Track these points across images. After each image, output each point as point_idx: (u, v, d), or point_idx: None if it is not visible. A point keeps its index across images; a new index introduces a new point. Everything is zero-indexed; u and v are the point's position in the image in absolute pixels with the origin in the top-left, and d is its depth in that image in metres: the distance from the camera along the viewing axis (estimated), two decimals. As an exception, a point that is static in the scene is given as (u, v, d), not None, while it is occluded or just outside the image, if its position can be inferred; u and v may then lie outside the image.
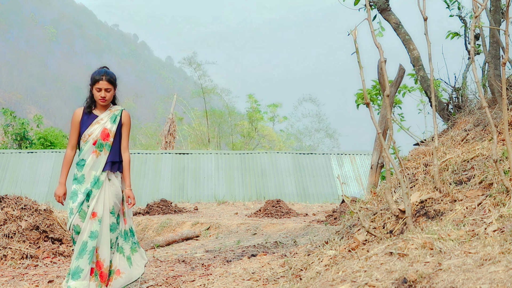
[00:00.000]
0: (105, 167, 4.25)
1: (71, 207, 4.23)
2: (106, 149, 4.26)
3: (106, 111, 4.35)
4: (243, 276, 4.77)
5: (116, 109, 4.38)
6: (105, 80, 4.24)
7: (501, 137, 4.61)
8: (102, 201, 4.23)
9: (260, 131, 33.22)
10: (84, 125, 4.29)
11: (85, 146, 4.25)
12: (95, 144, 4.24)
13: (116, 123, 4.33)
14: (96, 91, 4.26)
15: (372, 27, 4.05)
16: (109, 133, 4.28)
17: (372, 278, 3.12)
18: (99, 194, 4.23)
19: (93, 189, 4.22)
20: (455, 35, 7.61)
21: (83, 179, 4.23)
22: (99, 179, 4.24)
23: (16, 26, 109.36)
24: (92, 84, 4.28)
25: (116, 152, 4.33)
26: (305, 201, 18.07)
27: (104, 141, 4.27)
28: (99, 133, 4.26)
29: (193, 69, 33.48)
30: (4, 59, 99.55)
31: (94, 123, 4.28)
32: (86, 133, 4.26)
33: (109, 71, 4.33)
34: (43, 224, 6.50)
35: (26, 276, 5.37)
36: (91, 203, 4.21)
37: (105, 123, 4.29)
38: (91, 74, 4.32)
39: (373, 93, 10.55)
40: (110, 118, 4.32)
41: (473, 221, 3.55)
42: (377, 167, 7.59)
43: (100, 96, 4.25)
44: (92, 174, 4.23)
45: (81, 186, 4.23)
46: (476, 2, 3.86)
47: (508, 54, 3.70)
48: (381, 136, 4.25)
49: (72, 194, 4.24)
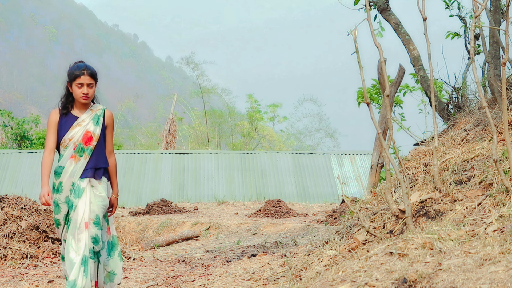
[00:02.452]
0: (85, 174, 3.82)
1: (56, 218, 3.87)
2: (87, 154, 3.83)
3: (86, 111, 3.89)
4: (243, 276, 4.77)
5: (98, 109, 3.92)
6: (87, 75, 3.80)
7: (501, 137, 4.61)
8: (83, 211, 3.77)
9: (260, 131, 33.23)
10: (63, 128, 3.83)
11: (65, 151, 3.82)
12: (75, 148, 3.81)
13: (99, 124, 3.88)
14: (77, 87, 3.79)
15: (372, 27, 4.05)
16: (92, 136, 3.85)
17: (372, 278, 3.12)
18: (79, 204, 3.78)
19: (73, 198, 3.80)
20: (455, 35, 7.61)
21: (61, 187, 3.82)
22: (79, 187, 3.81)
23: (16, 26, 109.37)
24: (72, 80, 3.81)
25: (100, 157, 3.90)
26: (305, 201, 18.07)
27: (86, 145, 3.83)
28: (80, 136, 3.82)
29: (191, 69, 33.51)
30: (4, 59, 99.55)
31: (75, 126, 3.83)
32: (66, 137, 3.81)
33: (89, 65, 3.89)
34: (43, 224, 6.50)
35: (26, 276, 5.37)
36: (73, 214, 3.78)
37: (87, 125, 3.84)
38: (68, 70, 3.88)
39: (373, 92, 10.55)
40: (92, 119, 3.87)
41: (473, 221, 3.55)
42: (377, 167, 7.59)
43: (82, 93, 3.79)
44: (70, 182, 3.81)
45: (60, 195, 3.81)
46: (476, 2, 3.86)
47: (508, 54, 3.70)
48: (381, 136, 4.25)
49: (55, 205, 3.84)
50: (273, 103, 35.03)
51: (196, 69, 33.37)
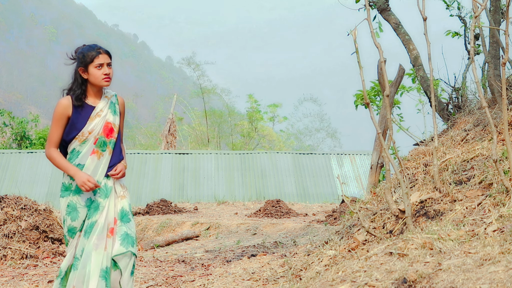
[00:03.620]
0: (109, 171, 3.40)
1: (72, 226, 3.33)
2: (110, 148, 3.39)
3: (101, 99, 3.42)
4: (243, 276, 4.77)
5: (111, 95, 3.48)
6: (104, 53, 3.33)
7: (501, 137, 4.61)
8: (112, 214, 3.35)
9: (260, 131, 33.24)
10: (79, 120, 3.33)
11: (84, 146, 3.34)
12: (96, 142, 3.34)
13: (117, 113, 3.46)
14: (97, 69, 3.30)
15: (371, 27, 4.05)
16: (113, 127, 3.41)
17: (372, 278, 3.12)
18: (107, 205, 3.34)
19: (99, 199, 3.33)
20: (455, 34, 7.62)
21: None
22: (107, 185, 3.38)
23: (16, 26, 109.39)
24: (88, 62, 3.30)
25: (120, 150, 3.49)
26: (305, 201, 18.08)
27: (108, 138, 3.38)
28: (101, 128, 3.36)
29: (192, 69, 33.53)
30: (4, 59, 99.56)
31: (94, 117, 3.36)
32: (85, 130, 3.33)
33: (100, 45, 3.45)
34: (43, 224, 6.50)
35: (26, 276, 5.37)
36: (100, 217, 3.30)
37: (106, 115, 3.39)
38: (78, 54, 3.35)
39: (371, 94, 10.56)
40: (110, 108, 3.42)
41: (473, 221, 3.55)
42: (377, 167, 7.60)
43: (103, 74, 3.31)
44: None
45: (80, 198, 3.33)
46: (476, 2, 3.86)
47: (508, 54, 3.70)
48: (381, 136, 4.25)
49: (70, 209, 3.34)
50: (273, 103, 35.05)
51: (197, 69, 33.41)
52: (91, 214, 3.31)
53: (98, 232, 3.26)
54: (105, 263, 3.23)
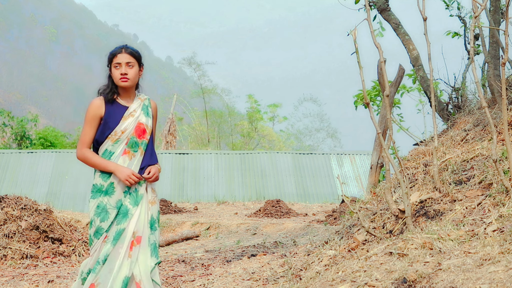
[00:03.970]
0: (141, 172, 3.33)
1: (100, 227, 3.20)
2: (142, 149, 3.33)
3: (134, 100, 3.38)
4: (243, 276, 4.77)
5: (144, 98, 3.44)
6: (124, 53, 3.28)
7: (500, 137, 4.62)
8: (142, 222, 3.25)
9: (260, 131, 33.25)
10: (112, 119, 3.28)
11: (116, 147, 3.28)
12: (128, 143, 3.29)
13: (150, 116, 3.40)
14: (115, 68, 3.28)
15: (371, 27, 4.05)
16: (146, 128, 3.35)
17: (372, 278, 3.12)
18: (136, 214, 3.25)
19: (128, 205, 3.24)
20: (455, 35, 7.63)
21: (113, 189, 3.24)
22: (137, 192, 3.28)
23: (16, 26, 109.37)
24: (109, 62, 3.30)
25: (153, 153, 3.41)
26: (305, 201, 18.08)
27: (140, 139, 3.32)
28: (133, 128, 3.30)
29: (193, 69, 33.55)
30: (4, 59, 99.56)
31: (127, 116, 3.31)
32: (118, 129, 3.27)
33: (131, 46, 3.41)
34: (43, 224, 6.50)
35: (26, 276, 5.37)
36: (128, 225, 3.21)
37: (139, 116, 3.35)
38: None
39: (372, 93, 10.56)
40: (142, 109, 3.38)
41: (473, 221, 3.56)
42: (376, 167, 7.60)
43: (120, 73, 3.26)
44: (122, 183, 3.26)
45: (110, 199, 3.22)
46: (476, 2, 3.86)
47: (507, 54, 3.70)
48: (380, 136, 4.26)
49: (100, 210, 3.22)
50: (273, 103, 35.06)
51: (198, 69, 33.42)
52: (119, 219, 3.22)
53: (124, 240, 3.19)
54: (127, 271, 3.15)
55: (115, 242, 3.17)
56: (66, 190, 18.20)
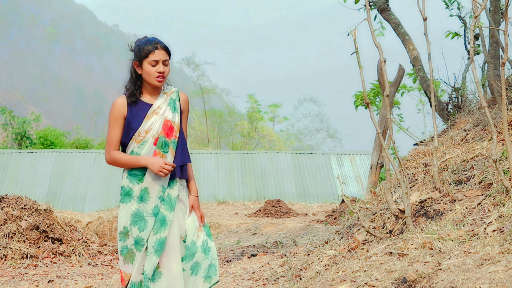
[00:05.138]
0: (172, 175, 3.04)
1: (139, 237, 2.94)
2: (172, 149, 3.06)
3: (159, 95, 3.13)
4: (243, 276, 4.77)
5: (172, 91, 3.16)
6: (161, 49, 3.05)
7: (500, 137, 4.62)
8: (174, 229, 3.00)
9: (260, 131, 33.25)
10: (136, 119, 3.05)
11: (143, 148, 3.03)
12: (156, 143, 3.04)
13: (177, 111, 3.11)
14: (150, 65, 3.03)
15: (372, 27, 4.06)
16: (173, 125, 3.08)
17: (372, 278, 3.13)
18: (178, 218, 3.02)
19: (165, 211, 2.98)
20: (455, 35, 7.63)
21: (147, 194, 2.99)
22: (170, 196, 3.01)
23: (16, 26, 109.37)
24: (143, 57, 3.03)
25: (185, 151, 3.13)
26: (305, 201, 18.08)
27: (169, 138, 3.06)
28: (159, 127, 3.05)
29: (192, 69, 33.56)
30: (4, 59, 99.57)
31: (151, 114, 3.06)
32: (141, 129, 3.03)
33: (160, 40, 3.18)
34: (43, 224, 6.50)
35: (26, 276, 5.37)
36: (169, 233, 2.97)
37: (164, 112, 3.08)
38: (134, 47, 3.11)
39: (371, 94, 10.56)
40: (169, 104, 3.11)
41: (473, 221, 3.56)
42: (376, 167, 7.60)
43: (157, 71, 3.03)
44: (157, 187, 2.98)
45: (146, 206, 2.97)
46: (476, 2, 3.86)
47: (507, 54, 3.71)
48: (380, 136, 4.26)
49: (137, 219, 2.96)
50: (274, 103, 35.08)
51: (197, 69, 33.43)
52: (157, 228, 2.96)
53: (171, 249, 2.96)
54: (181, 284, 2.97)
55: (159, 253, 2.93)
56: (66, 190, 18.21)
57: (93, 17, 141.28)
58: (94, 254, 6.53)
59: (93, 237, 7.12)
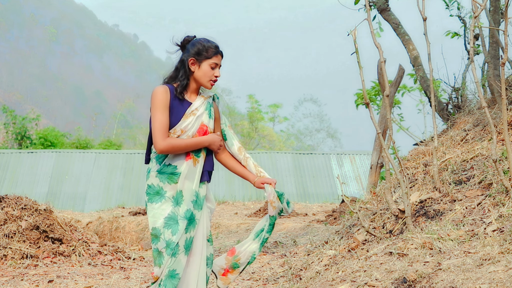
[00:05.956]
0: (203, 177, 2.99)
1: (171, 241, 2.84)
2: (204, 153, 2.97)
3: (198, 96, 3.03)
4: (243, 276, 4.77)
5: (209, 95, 3.08)
6: (220, 55, 3.03)
7: (500, 137, 4.62)
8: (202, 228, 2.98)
9: (260, 131, 33.27)
10: (175, 114, 2.93)
11: None
12: None
13: (212, 117, 3.03)
14: (210, 67, 2.96)
15: (371, 27, 4.06)
16: (208, 131, 3.00)
17: (372, 278, 3.13)
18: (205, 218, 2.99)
19: (194, 210, 2.92)
20: (455, 35, 7.63)
21: (182, 197, 2.90)
22: (199, 195, 2.96)
23: (16, 26, 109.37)
24: (206, 57, 2.98)
25: (213, 157, 3.09)
26: (305, 201, 18.08)
27: None
28: (196, 129, 2.96)
29: (192, 69, 33.62)
30: (4, 59, 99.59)
31: (188, 114, 2.95)
32: (177, 127, 2.91)
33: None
34: (43, 224, 6.50)
35: (26, 276, 5.37)
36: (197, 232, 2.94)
37: (201, 115, 2.99)
38: (197, 44, 3.05)
39: (372, 93, 10.56)
40: (206, 108, 3.01)
41: (473, 221, 3.56)
42: (376, 167, 7.60)
43: (214, 75, 2.97)
44: (189, 189, 2.91)
45: (179, 209, 2.88)
46: (476, 2, 3.86)
47: (507, 54, 3.71)
48: (380, 136, 4.26)
49: (172, 222, 2.86)
50: (274, 103, 35.10)
51: (197, 69, 33.49)
52: (187, 227, 2.90)
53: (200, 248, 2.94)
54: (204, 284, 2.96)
55: (187, 252, 2.89)
56: (66, 190, 18.22)
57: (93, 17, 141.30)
58: (94, 254, 6.53)
59: (93, 237, 7.11)
